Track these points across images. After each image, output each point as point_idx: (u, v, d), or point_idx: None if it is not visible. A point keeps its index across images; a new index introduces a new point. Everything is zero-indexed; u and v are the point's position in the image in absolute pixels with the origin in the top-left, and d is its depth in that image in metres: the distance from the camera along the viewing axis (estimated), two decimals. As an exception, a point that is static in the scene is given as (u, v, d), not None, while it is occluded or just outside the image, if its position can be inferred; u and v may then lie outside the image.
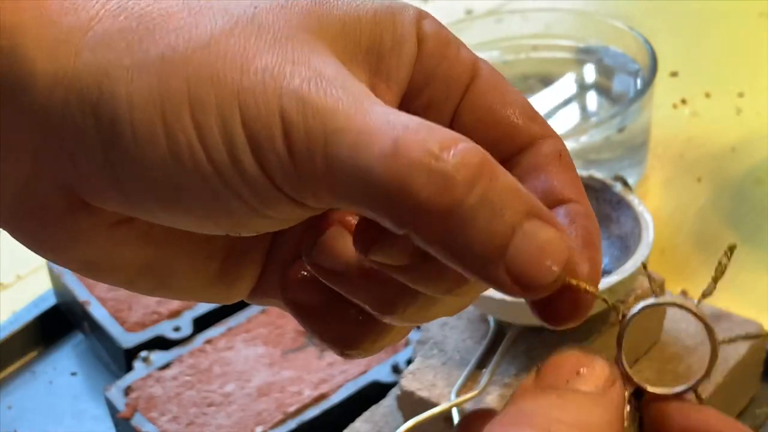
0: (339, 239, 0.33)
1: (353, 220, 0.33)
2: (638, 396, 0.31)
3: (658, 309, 0.61)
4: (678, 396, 0.32)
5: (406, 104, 0.33)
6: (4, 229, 0.32)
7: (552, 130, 0.34)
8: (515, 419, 0.29)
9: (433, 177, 0.28)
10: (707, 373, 0.32)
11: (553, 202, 0.33)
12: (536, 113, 0.34)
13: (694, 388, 0.32)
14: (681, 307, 0.32)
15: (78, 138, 0.30)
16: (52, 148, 0.30)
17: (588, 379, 0.30)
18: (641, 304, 0.32)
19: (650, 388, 0.31)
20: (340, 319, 0.34)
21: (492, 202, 0.28)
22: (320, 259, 0.33)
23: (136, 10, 0.30)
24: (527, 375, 0.31)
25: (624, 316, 0.32)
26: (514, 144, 0.33)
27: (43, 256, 0.33)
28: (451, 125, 0.33)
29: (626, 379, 0.31)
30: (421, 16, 0.33)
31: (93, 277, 0.33)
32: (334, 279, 0.33)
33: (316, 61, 0.30)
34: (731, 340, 0.33)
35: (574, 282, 0.30)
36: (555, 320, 0.31)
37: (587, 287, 0.30)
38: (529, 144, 0.33)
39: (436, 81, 0.33)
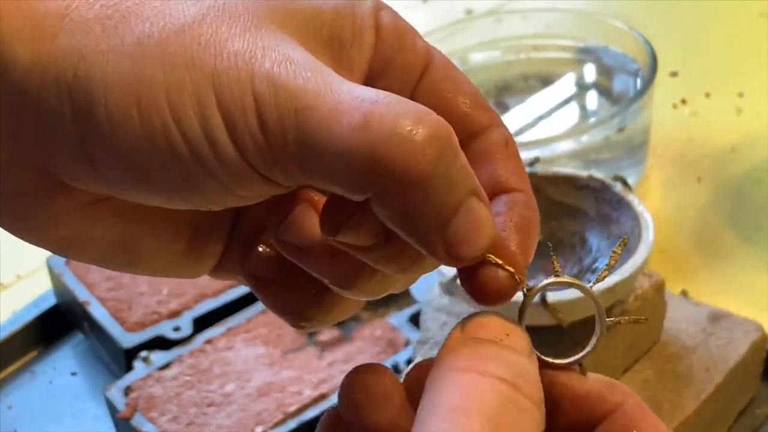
0: (306, 218, 0.34)
1: (320, 199, 0.34)
2: None
3: (657, 308, 0.61)
4: (566, 366, 0.34)
5: None
6: None
7: (500, 119, 0.35)
8: (475, 357, 0.31)
9: (406, 147, 0.29)
10: (593, 349, 0.34)
11: (498, 189, 0.34)
12: (486, 103, 0.35)
13: (579, 362, 0.34)
14: (575, 286, 0.35)
15: (54, 121, 0.31)
16: (30, 131, 0.31)
17: (517, 341, 0.32)
18: (543, 282, 0.34)
19: (543, 358, 0.34)
20: (297, 293, 0.36)
21: (450, 178, 0.30)
22: (288, 236, 0.34)
23: None
24: (451, 330, 0.33)
25: (529, 290, 0.34)
26: (465, 131, 0.35)
27: (20, 237, 0.34)
28: None
29: None
30: (379, 7, 0.35)
31: (67, 254, 0.34)
32: (299, 255, 0.34)
33: (284, 47, 0.31)
34: (617, 322, 0.35)
35: (494, 259, 0.33)
36: (480, 295, 0.33)
37: (505, 265, 0.33)
38: (479, 132, 0.35)
39: (393, 69, 0.35)
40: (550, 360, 0.34)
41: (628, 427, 0.32)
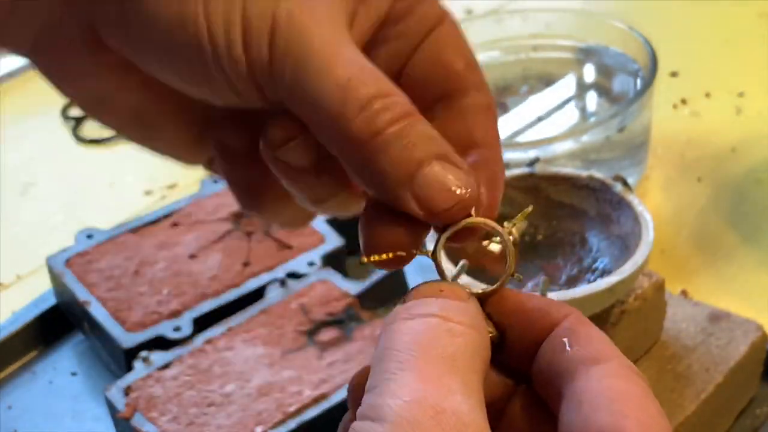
0: (304, 143, 0.38)
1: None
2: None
3: (657, 308, 0.61)
4: (495, 291, 0.37)
5: (381, 31, 0.39)
6: (29, 58, 0.38)
7: (485, 84, 0.40)
8: (423, 307, 0.34)
9: (364, 112, 0.35)
10: (508, 274, 0.37)
11: (473, 145, 0.39)
12: (478, 68, 0.40)
13: (502, 285, 0.37)
14: (486, 226, 0.36)
15: None
16: None
17: (452, 293, 0.35)
18: (458, 225, 0.36)
19: (478, 291, 0.36)
20: (261, 177, 0.41)
21: (405, 138, 0.35)
22: (287, 157, 0.38)
23: None
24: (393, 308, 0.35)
25: (433, 253, 0.37)
26: (455, 88, 0.39)
27: (56, 87, 0.39)
28: (409, 59, 0.40)
29: None
30: None
31: (95, 114, 0.40)
32: (289, 173, 0.39)
33: None
34: (515, 223, 0.37)
35: (474, 217, 0.36)
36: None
37: (484, 221, 0.36)
38: (466, 90, 0.39)
39: (411, 16, 0.39)
40: (481, 290, 0.36)
41: (566, 337, 0.35)
